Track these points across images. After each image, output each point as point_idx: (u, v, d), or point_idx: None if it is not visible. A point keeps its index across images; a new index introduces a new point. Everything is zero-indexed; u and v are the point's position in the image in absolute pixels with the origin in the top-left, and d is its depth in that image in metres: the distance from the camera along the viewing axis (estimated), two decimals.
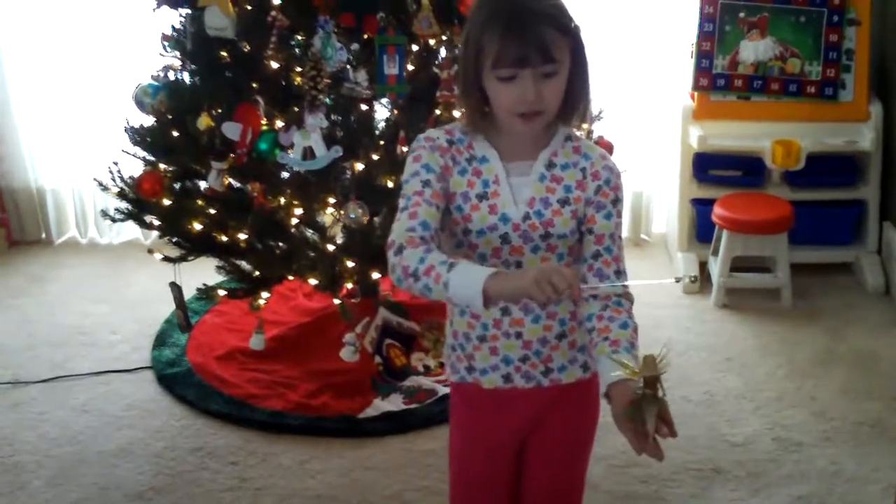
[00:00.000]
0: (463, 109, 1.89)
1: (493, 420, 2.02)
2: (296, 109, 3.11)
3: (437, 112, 3.15)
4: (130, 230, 4.78)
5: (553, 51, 1.73)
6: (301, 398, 3.42)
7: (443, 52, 3.23)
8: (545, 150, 1.87)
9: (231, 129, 3.09)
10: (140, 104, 3.37)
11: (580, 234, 1.89)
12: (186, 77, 3.38)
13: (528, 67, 1.73)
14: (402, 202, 1.84)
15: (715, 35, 4.20)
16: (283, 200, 3.22)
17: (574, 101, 1.83)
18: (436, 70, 3.19)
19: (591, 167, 1.87)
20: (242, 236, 3.29)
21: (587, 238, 1.88)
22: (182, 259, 3.48)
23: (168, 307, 3.80)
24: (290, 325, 3.82)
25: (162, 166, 3.36)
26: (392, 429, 3.31)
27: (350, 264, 3.26)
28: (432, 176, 1.84)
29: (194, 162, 3.28)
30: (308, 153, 3.07)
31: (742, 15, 4.18)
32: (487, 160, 1.87)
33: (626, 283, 1.84)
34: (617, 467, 3.08)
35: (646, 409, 1.59)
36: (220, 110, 3.18)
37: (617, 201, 1.89)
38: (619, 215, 1.90)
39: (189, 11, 3.26)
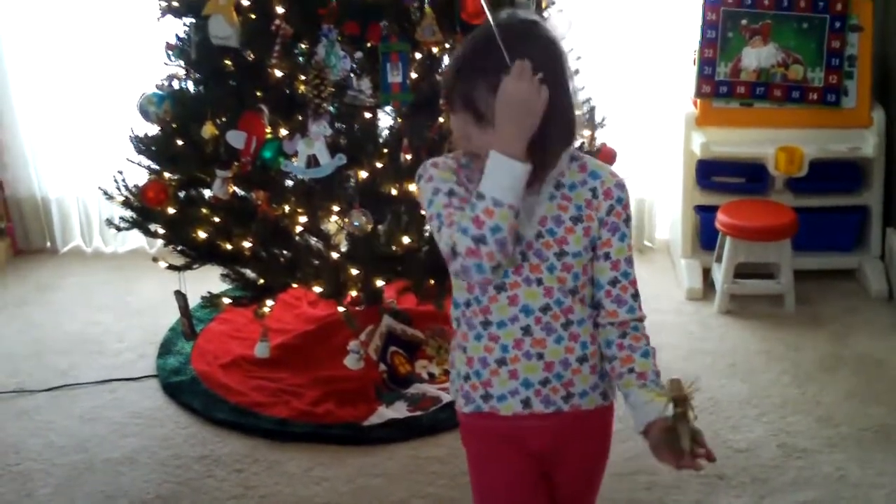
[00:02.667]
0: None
1: (509, 449, 1.97)
2: (300, 118, 3.11)
3: (441, 120, 3.16)
4: (135, 239, 4.79)
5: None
6: (306, 406, 3.42)
7: (446, 60, 3.24)
8: (552, 171, 1.84)
9: (235, 138, 3.11)
10: (145, 113, 3.38)
11: (592, 253, 1.87)
12: (191, 86, 3.39)
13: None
14: (435, 223, 1.81)
15: (717, 42, 4.21)
16: (287, 208, 3.22)
17: (543, 148, 1.75)
18: (439, 78, 3.19)
19: (601, 185, 1.86)
20: (247, 244, 3.30)
21: (602, 263, 1.87)
22: (187, 267, 3.49)
23: (173, 315, 3.81)
24: (295, 333, 3.83)
25: (166, 175, 3.37)
26: (397, 436, 3.31)
27: (354, 272, 3.27)
28: (453, 185, 1.82)
29: (199, 170, 3.29)
30: (312, 161, 3.08)
31: (744, 22, 4.19)
32: None
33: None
34: (621, 475, 3.08)
35: (679, 429, 1.64)
36: (224, 119, 3.19)
37: (628, 219, 1.89)
38: (631, 234, 1.90)
39: (193, 20, 3.28)
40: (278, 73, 3.13)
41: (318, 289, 3.31)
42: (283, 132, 3.15)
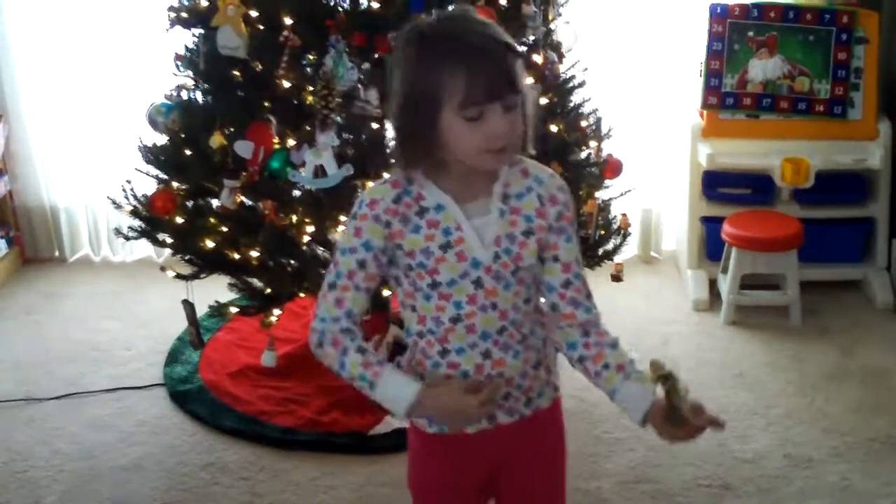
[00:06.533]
0: (402, 159, 1.79)
1: (468, 462, 1.96)
2: (307, 128, 3.13)
3: None
4: (143, 248, 4.81)
5: (517, 80, 1.67)
6: (312, 414, 3.43)
7: None
8: (497, 182, 1.79)
9: (243, 148, 3.12)
10: (153, 123, 3.40)
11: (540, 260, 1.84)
12: (199, 96, 3.41)
13: (497, 101, 1.65)
14: (332, 275, 1.81)
15: (724, 54, 4.22)
16: (294, 218, 3.24)
17: (527, 129, 1.75)
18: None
19: (546, 192, 1.81)
20: (254, 254, 3.31)
21: (552, 266, 1.83)
22: (194, 276, 3.50)
23: (181, 324, 3.82)
24: (302, 342, 3.83)
25: (175, 184, 3.38)
26: (403, 445, 3.27)
27: None
28: (370, 256, 1.78)
29: (207, 180, 3.31)
30: (319, 171, 3.10)
31: (751, 34, 4.20)
32: (444, 207, 1.77)
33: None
34: (626, 483, 3.08)
35: (675, 402, 1.69)
36: (232, 129, 3.20)
37: (573, 222, 1.85)
38: (577, 235, 1.87)
39: (202, 31, 3.29)
40: (286, 84, 3.14)
41: None
42: (291, 142, 3.16)
